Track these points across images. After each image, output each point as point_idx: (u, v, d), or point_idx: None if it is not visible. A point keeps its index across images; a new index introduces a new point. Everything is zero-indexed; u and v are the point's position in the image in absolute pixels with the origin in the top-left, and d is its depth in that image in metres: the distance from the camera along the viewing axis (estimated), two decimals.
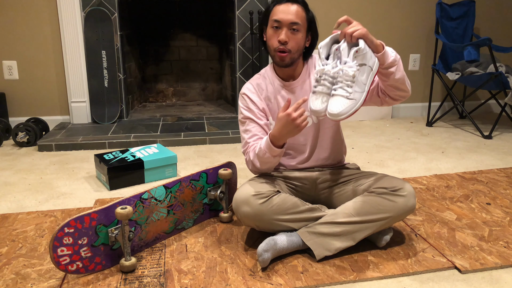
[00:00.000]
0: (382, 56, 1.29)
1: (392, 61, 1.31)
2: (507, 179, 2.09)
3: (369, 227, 1.39)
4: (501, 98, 3.55)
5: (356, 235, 1.39)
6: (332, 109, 1.25)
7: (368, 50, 1.27)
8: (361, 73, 1.26)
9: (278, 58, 1.48)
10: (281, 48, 1.45)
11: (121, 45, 2.96)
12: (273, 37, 1.47)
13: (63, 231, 1.24)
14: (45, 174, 2.19)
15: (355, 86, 1.25)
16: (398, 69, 1.33)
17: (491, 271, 1.36)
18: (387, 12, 3.20)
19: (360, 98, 1.26)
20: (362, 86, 1.26)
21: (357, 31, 1.25)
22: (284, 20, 1.44)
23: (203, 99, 3.76)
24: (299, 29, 1.46)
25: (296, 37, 1.46)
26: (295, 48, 1.47)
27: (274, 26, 1.46)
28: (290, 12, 1.44)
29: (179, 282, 1.29)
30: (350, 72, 1.25)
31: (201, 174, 1.61)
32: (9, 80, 2.91)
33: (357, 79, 1.25)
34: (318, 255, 1.38)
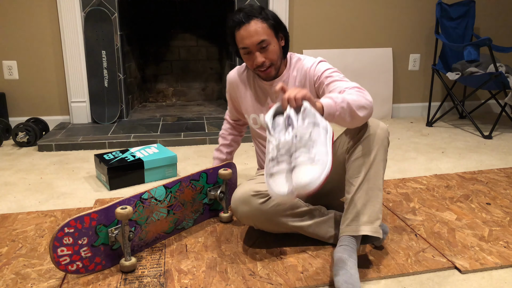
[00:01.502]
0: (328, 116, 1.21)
1: (339, 115, 1.21)
2: (507, 179, 2.09)
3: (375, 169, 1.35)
4: (501, 98, 3.55)
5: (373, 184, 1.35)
6: (299, 181, 1.05)
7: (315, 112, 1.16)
8: (317, 133, 1.13)
9: (263, 75, 1.50)
10: (261, 69, 1.47)
11: (121, 45, 2.97)
12: (249, 60, 1.48)
13: (63, 231, 1.24)
14: (45, 174, 2.19)
15: (316, 147, 1.11)
16: (348, 115, 1.23)
17: (491, 271, 1.36)
18: (387, 12, 3.20)
19: (326, 160, 1.10)
20: (323, 146, 1.12)
21: (299, 93, 1.16)
22: (251, 45, 1.43)
23: (203, 99, 3.76)
24: (269, 43, 1.44)
25: (270, 50, 1.45)
26: (274, 59, 1.47)
27: (245, 53, 1.47)
28: (252, 34, 1.42)
29: (179, 282, 1.29)
30: (306, 134, 1.12)
31: (201, 174, 1.61)
32: (9, 80, 2.91)
33: (316, 140, 1.12)
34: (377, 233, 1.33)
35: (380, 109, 3.31)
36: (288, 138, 1.13)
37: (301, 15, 3.10)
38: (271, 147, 1.16)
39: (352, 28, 3.19)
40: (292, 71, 1.54)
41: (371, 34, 3.23)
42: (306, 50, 3.15)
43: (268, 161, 1.16)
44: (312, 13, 3.11)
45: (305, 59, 1.54)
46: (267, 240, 1.52)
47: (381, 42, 3.26)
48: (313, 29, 3.14)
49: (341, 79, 1.40)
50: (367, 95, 1.29)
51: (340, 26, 3.17)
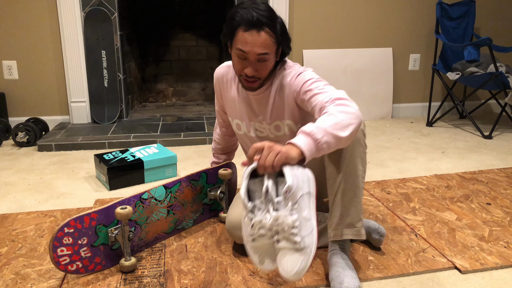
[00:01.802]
0: (312, 157, 1.08)
1: (324, 150, 1.10)
2: (507, 179, 2.09)
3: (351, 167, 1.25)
4: (501, 98, 3.55)
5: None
6: (286, 270, 1.00)
7: (297, 175, 1.03)
8: (301, 210, 1.02)
9: (246, 85, 1.36)
10: (247, 79, 1.33)
11: (121, 45, 2.96)
12: (239, 64, 1.32)
13: (63, 231, 1.24)
14: (45, 174, 2.19)
15: (301, 231, 1.01)
16: (334, 144, 1.11)
17: (491, 271, 1.35)
18: (387, 12, 3.20)
19: (312, 241, 1.02)
20: (309, 224, 1.03)
21: (276, 159, 1.02)
22: (251, 53, 1.27)
23: (203, 99, 3.76)
24: (268, 58, 1.30)
25: (265, 66, 1.31)
26: (264, 75, 1.33)
27: (239, 56, 1.30)
28: (258, 44, 1.26)
29: (179, 282, 1.29)
30: (289, 220, 1.00)
31: (201, 174, 1.61)
32: (9, 80, 2.91)
33: (300, 221, 1.02)
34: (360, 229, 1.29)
35: (380, 109, 3.31)
36: (269, 221, 1.01)
37: (301, 15, 3.10)
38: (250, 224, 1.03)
39: (352, 28, 3.19)
40: (273, 85, 1.40)
41: (371, 34, 3.23)
42: (306, 50, 3.15)
43: (247, 232, 1.05)
44: (312, 13, 3.11)
45: (288, 72, 1.39)
46: None
47: (381, 42, 3.26)
48: (313, 29, 3.14)
49: (320, 91, 1.26)
50: (350, 107, 1.15)
51: (340, 26, 3.17)
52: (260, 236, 1.03)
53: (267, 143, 1.05)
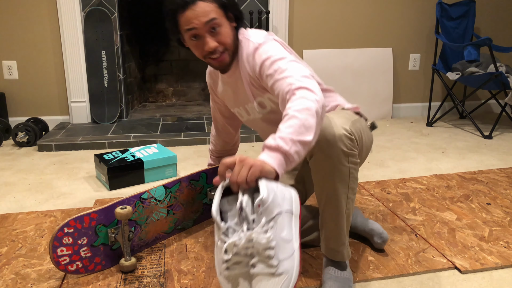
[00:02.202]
0: (285, 171, 0.99)
1: (296, 161, 1.01)
2: (507, 179, 2.09)
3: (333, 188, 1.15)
4: (501, 98, 3.55)
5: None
6: None
7: (275, 189, 0.92)
8: (278, 229, 0.90)
9: (216, 64, 1.30)
10: (213, 56, 1.27)
11: (121, 45, 2.96)
12: (198, 47, 1.27)
13: (63, 231, 1.24)
14: (45, 174, 2.19)
15: (278, 253, 0.89)
16: (303, 149, 1.01)
17: (492, 271, 1.35)
18: (387, 12, 3.20)
19: (292, 265, 0.89)
20: (288, 247, 0.90)
21: (249, 173, 0.92)
22: (199, 25, 1.21)
23: (203, 99, 3.76)
24: (220, 23, 1.23)
25: (223, 32, 1.24)
26: (228, 42, 1.26)
27: (192, 37, 1.25)
28: (199, 14, 1.21)
29: (179, 282, 1.29)
30: (263, 240, 0.88)
31: (201, 174, 1.61)
32: (9, 80, 2.91)
33: (277, 242, 0.89)
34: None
35: (380, 109, 3.31)
36: (243, 241, 0.89)
37: (301, 15, 3.10)
38: (223, 247, 0.91)
39: (352, 28, 3.19)
40: (242, 61, 1.32)
41: (371, 34, 3.23)
42: (306, 50, 3.15)
43: (220, 260, 0.92)
44: (312, 13, 3.11)
45: (245, 45, 1.30)
46: None
47: (381, 42, 3.26)
48: (313, 29, 3.14)
49: (280, 76, 1.16)
50: (309, 100, 1.05)
51: (340, 26, 3.17)
52: (235, 264, 0.90)
53: (238, 157, 0.95)
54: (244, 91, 1.39)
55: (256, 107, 1.39)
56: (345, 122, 1.16)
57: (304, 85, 1.09)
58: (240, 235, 0.89)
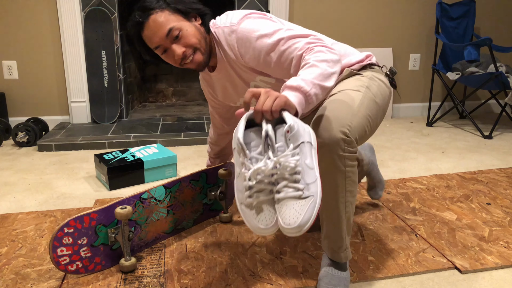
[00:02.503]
0: (302, 111, 1.03)
1: (313, 103, 1.05)
2: (507, 179, 2.09)
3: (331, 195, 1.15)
4: (501, 98, 3.55)
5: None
6: (289, 221, 0.89)
7: (297, 121, 0.95)
8: (303, 156, 0.94)
9: (194, 66, 1.29)
10: (186, 61, 1.26)
11: (121, 45, 2.96)
12: (170, 59, 1.28)
13: (63, 231, 1.24)
14: (45, 174, 2.19)
15: (304, 177, 0.92)
16: (321, 95, 1.06)
17: (491, 271, 1.35)
18: (387, 12, 3.20)
19: (317, 190, 0.92)
20: (312, 173, 0.93)
21: (274, 103, 0.96)
22: (161, 41, 1.23)
23: (203, 99, 3.75)
24: (179, 27, 1.23)
25: (185, 35, 1.24)
26: (194, 42, 1.24)
27: (160, 52, 1.27)
28: (156, 29, 1.22)
29: (179, 282, 1.29)
30: (292, 163, 0.92)
31: (201, 174, 1.61)
32: (9, 80, 2.91)
33: (303, 167, 0.93)
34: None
35: None
36: (270, 166, 0.91)
37: (301, 15, 3.10)
38: (247, 175, 0.93)
39: (352, 28, 3.19)
40: (222, 51, 1.30)
41: (371, 34, 3.23)
42: None
43: (243, 188, 0.95)
44: (312, 13, 3.11)
45: (220, 30, 1.28)
46: (267, 240, 1.52)
47: (381, 42, 3.26)
48: (313, 29, 3.14)
49: (289, 45, 1.16)
50: (327, 53, 1.09)
51: (340, 26, 3.17)
52: (258, 192, 0.93)
53: (264, 89, 0.98)
54: (237, 81, 1.37)
55: None
56: (346, 116, 1.11)
57: (318, 44, 1.11)
58: (266, 162, 0.92)
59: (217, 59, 1.33)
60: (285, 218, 0.90)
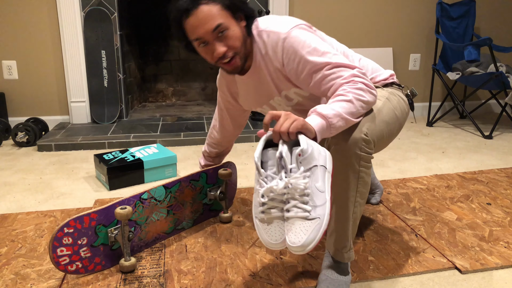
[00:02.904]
0: (321, 137, 1.05)
1: (333, 132, 1.08)
2: (508, 179, 2.09)
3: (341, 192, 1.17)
4: (501, 98, 3.55)
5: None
6: (293, 240, 0.94)
7: (313, 145, 0.99)
8: (314, 179, 0.97)
9: (229, 68, 1.26)
10: (224, 61, 1.23)
11: (120, 45, 2.96)
12: (207, 54, 1.23)
13: (63, 231, 1.24)
14: (45, 174, 2.19)
15: (312, 199, 0.96)
16: (343, 127, 1.09)
17: (492, 271, 1.35)
18: (387, 12, 3.20)
19: (324, 213, 0.96)
20: (321, 196, 0.97)
21: (292, 125, 0.99)
22: (206, 33, 1.18)
23: (203, 99, 3.75)
24: (226, 26, 1.19)
25: (230, 36, 1.20)
26: (237, 46, 1.22)
27: (200, 44, 1.22)
28: (203, 21, 1.17)
29: (179, 283, 1.29)
30: (301, 185, 0.96)
31: (201, 174, 1.61)
32: (8, 80, 2.91)
33: (312, 190, 0.96)
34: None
35: None
36: (280, 186, 0.96)
37: (301, 15, 3.10)
38: (261, 192, 0.99)
39: (352, 28, 3.19)
40: (264, 52, 1.27)
41: (371, 34, 3.23)
42: None
43: (257, 203, 1.00)
44: (312, 13, 3.11)
45: (269, 34, 1.25)
46: None
47: (381, 42, 3.26)
48: None
49: (334, 72, 1.16)
50: (367, 94, 1.12)
51: (341, 26, 3.17)
52: (271, 208, 0.99)
53: (284, 112, 1.02)
54: (267, 88, 1.34)
55: (283, 100, 1.36)
56: (366, 118, 1.16)
57: (361, 82, 1.13)
58: (278, 181, 0.97)
59: (252, 63, 1.30)
60: (290, 237, 0.95)
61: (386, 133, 1.23)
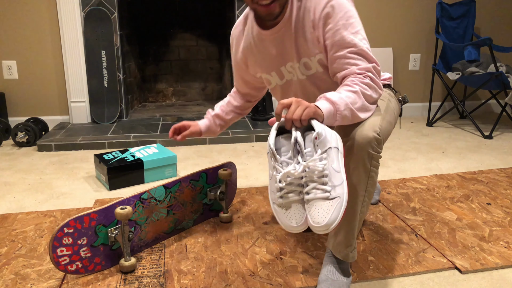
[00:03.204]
0: (326, 123, 1.07)
1: (339, 122, 1.09)
2: (508, 179, 2.09)
3: (350, 190, 1.18)
4: (501, 98, 3.55)
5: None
6: (318, 220, 0.96)
7: (325, 128, 1.02)
8: (330, 160, 1.00)
9: (265, 11, 1.18)
10: (263, 1, 1.16)
11: (120, 45, 2.96)
12: None
13: (63, 231, 1.24)
14: (45, 174, 2.19)
15: (331, 180, 0.99)
16: (348, 120, 1.12)
17: (492, 271, 1.35)
18: (387, 12, 3.20)
19: (343, 192, 0.99)
20: (338, 176, 1.00)
21: (304, 112, 1.01)
22: None
23: (203, 99, 3.75)
24: None
25: None
26: None
27: None
28: None
29: (178, 283, 1.29)
30: (319, 167, 0.99)
31: (201, 174, 1.61)
32: (8, 80, 2.91)
33: (330, 171, 0.99)
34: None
35: None
36: (299, 170, 0.99)
37: None
38: (278, 177, 1.01)
39: None
40: (298, 9, 1.23)
41: (371, 34, 3.23)
42: None
43: (275, 189, 1.02)
44: None
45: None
46: (267, 240, 1.52)
47: (381, 42, 3.26)
48: None
49: (353, 57, 1.16)
50: (376, 91, 1.15)
51: None
52: (288, 193, 1.01)
53: (295, 99, 1.04)
54: (287, 50, 1.28)
55: (300, 68, 1.31)
56: (377, 117, 1.17)
57: (373, 78, 1.15)
58: (295, 166, 1.00)
59: (281, 19, 1.24)
60: (314, 217, 0.97)
61: (390, 130, 1.25)
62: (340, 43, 1.18)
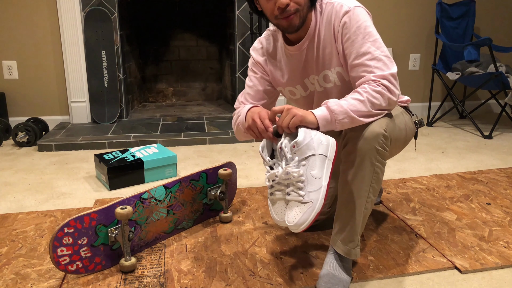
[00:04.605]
0: (324, 129, 1.13)
1: (338, 127, 1.14)
2: (507, 179, 2.09)
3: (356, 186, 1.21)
4: (501, 98, 3.55)
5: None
6: (289, 220, 1.09)
7: (312, 136, 1.10)
8: (310, 167, 1.09)
9: (286, 24, 1.22)
10: (284, 15, 1.19)
11: (121, 45, 2.96)
12: (269, 4, 1.20)
13: (63, 231, 1.24)
14: (45, 174, 2.19)
15: (307, 186, 1.08)
16: (349, 125, 1.15)
17: (491, 271, 1.35)
18: (387, 12, 3.20)
19: (317, 197, 1.08)
20: (316, 183, 1.08)
21: (291, 121, 1.10)
22: None
23: (203, 99, 3.76)
24: None
25: None
26: (303, 4, 1.20)
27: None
28: None
29: (179, 282, 1.29)
30: (294, 173, 1.08)
31: (201, 174, 1.61)
32: (9, 80, 2.91)
33: (307, 177, 1.08)
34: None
35: None
36: (279, 173, 1.11)
37: None
38: (266, 176, 1.16)
39: None
40: (320, 24, 1.27)
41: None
42: None
43: (267, 185, 1.15)
44: None
45: (332, 5, 1.25)
46: (267, 240, 1.52)
47: None
48: None
49: (370, 64, 1.18)
50: (385, 101, 1.15)
51: None
52: (276, 191, 1.14)
53: (286, 106, 1.13)
54: (310, 64, 1.32)
55: (319, 80, 1.34)
56: (385, 118, 1.20)
57: (384, 85, 1.16)
58: (279, 169, 1.12)
59: (305, 34, 1.28)
60: (288, 216, 1.10)
61: (399, 138, 1.28)
62: (357, 51, 1.21)
